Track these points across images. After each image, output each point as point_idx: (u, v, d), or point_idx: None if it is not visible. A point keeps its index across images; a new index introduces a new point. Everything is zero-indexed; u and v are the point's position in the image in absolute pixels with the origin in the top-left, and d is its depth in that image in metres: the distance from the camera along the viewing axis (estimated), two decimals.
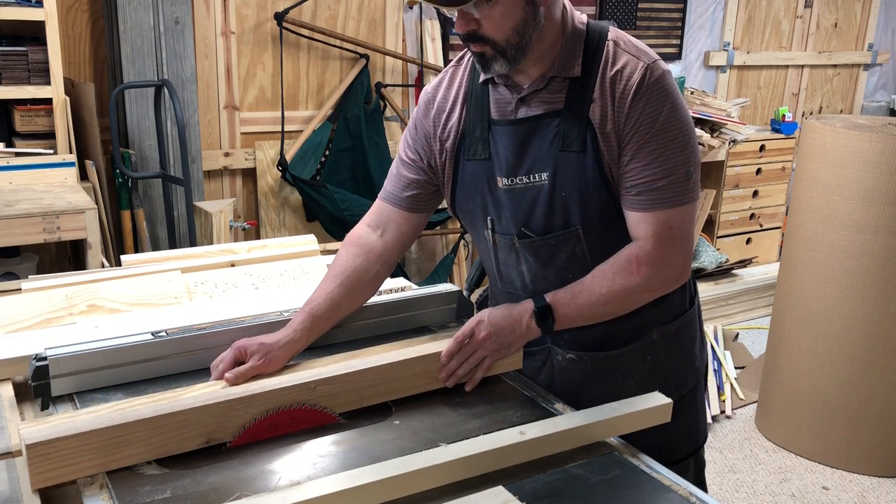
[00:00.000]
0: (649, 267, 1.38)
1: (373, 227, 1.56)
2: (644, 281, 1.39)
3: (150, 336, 1.39)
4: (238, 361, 1.33)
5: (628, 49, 1.39)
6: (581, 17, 1.44)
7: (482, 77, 1.46)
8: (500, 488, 1.11)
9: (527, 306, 1.42)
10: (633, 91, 1.35)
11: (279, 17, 3.65)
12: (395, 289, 1.74)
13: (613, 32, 1.41)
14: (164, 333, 1.40)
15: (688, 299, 1.60)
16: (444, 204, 4.57)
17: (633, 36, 1.45)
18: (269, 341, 1.36)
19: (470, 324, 1.42)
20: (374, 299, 1.57)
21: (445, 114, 1.52)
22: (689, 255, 1.43)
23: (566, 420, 1.27)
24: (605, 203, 1.40)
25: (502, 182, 1.45)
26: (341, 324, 1.51)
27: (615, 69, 1.37)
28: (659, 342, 1.53)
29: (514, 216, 1.46)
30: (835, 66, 5.69)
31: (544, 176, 1.41)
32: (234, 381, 1.29)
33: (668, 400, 1.32)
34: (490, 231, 1.50)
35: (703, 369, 1.65)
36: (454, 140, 1.50)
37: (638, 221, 1.39)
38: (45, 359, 1.29)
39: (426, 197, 1.55)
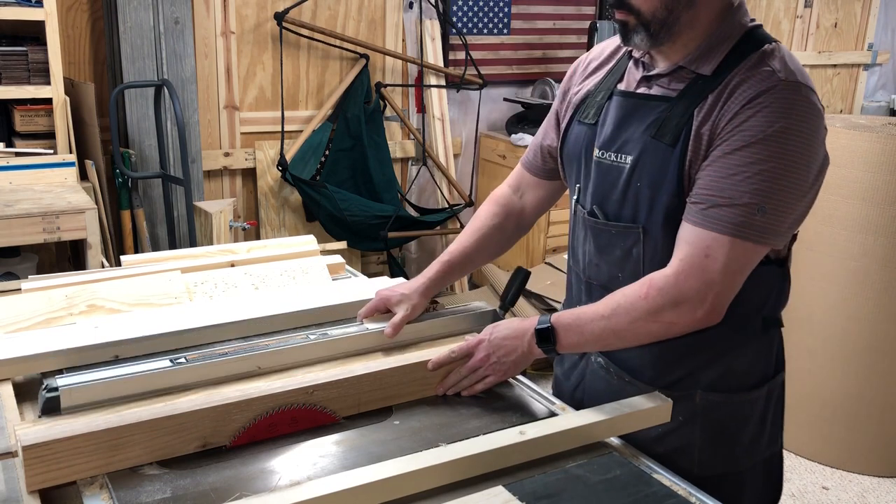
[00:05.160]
0: (660, 293, 1.23)
1: (513, 188, 1.64)
2: (650, 308, 1.24)
3: (168, 363, 1.34)
4: (381, 311, 1.53)
5: (774, 63, 1.23)
6: (748, 19, 1.30)
7: (627, 49, 1.40)
8: (500, 488, 1.11)
9: (530, 323, 1.34)
10: (750, 97, 1.21)
11: (279, 17, 3.66)
12: (428, 307, 1.64)
13: (775, 47, 1.27)
14: (183, 360, 1.35)
15: (757, 377, 1.41)
16: (444, 204, 4.53)
17: None
18: (408, 291, 1.52)
19: (470, 343, 1.39)
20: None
21: (588, 74, 1.48)
22: (719, 295, 1.22)
23: (566, 420, 1.26)
24: (675, 210, 1.27)
25: (597, 153, 1.38)
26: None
27: (748, 74, 1.23)
28: (700, 408, 1.36)
29: (594, 191, 1.38)
30: (835, 66, 5.69)
31: (628, 159, 1.32)
32: (393, 333, 1.47)
33: (669, 400, 1.31)
34: (575, 200, 1.45)
35: (748, 464, 1.42)
36: (580, 99, 1.46)
37: (681, 235, 1.25)
38: (56, 389, 1.24)
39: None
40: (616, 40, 1.46)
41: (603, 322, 1.29)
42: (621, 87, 1.40)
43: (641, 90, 1.36)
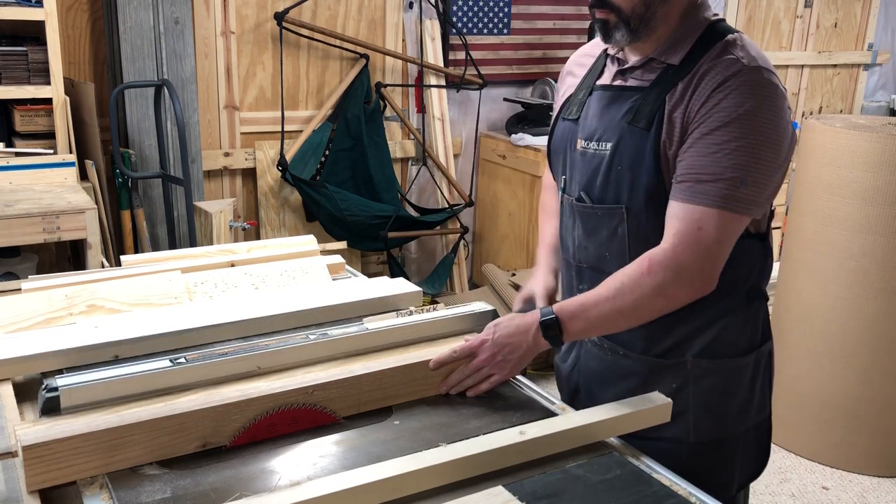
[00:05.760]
0: (661, 267, 1.31)
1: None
2: (655, 283, 1.31)
3: (168, 363, 1.33)
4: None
5: (736, 50, 1.34)
6: (712, 15, 1.42)
7: (605, 48, 1.50)
8: (500, 488, 1.11)
9: (533, 318, 1.38)
10: (718, 82, 1.31)
11: (279, 17, 3.66)
12: (427, 307, 1.64)
13: (737, 37, 1.37)
14: (183, 360, 1.35)
15: (745, 345, 1.47)
16: (444, 204, 4.53)
17: None
18: (541, 291, 1.58)
19: (473, 343, 1.40)
20: (403, 320, 1.54)
21: (571, 76, 1.59)
22: (714, 265, 1.32)
23: (566, 420, 1.26)
24: (655, 189, 1.36)
25: (580, 144, 1.47)
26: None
27: (714, 62, 1.33)
28: (692, 375, 1.44)
29: (580, 179, 1.47)
30: (835, 66, 5.69)
31: (608, 146, 1.41)
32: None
33: (668, 400, 1.31)
34: (562, 191, 1.54)
35: (739, 430, 1.49)
36: (562, 102, 1.56)
37: (671, 213, 1.33)
38: (56, 389, 1.24)
39: None
40: (594, 44, 1.57)
41: (608, 304, 1.34)
42: (599, 82, 1.50)
43: (617, 83, 1.46)
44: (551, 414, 1.35)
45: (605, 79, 1.49)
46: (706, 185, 1.29)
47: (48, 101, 2.99)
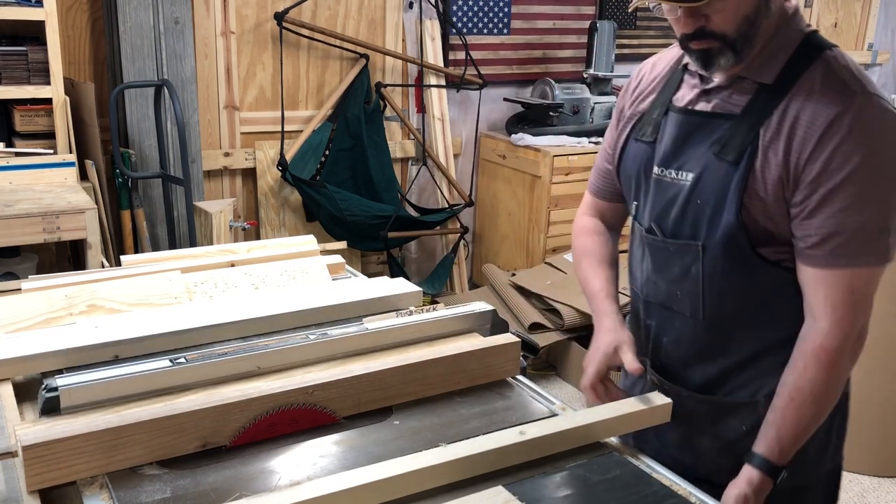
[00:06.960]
0: (839, 352, 1.24)
1: (595, 216, 1.60)
2: (843, 367, 1.26)
3: (168, 363, 1.33)
4: (606, 371, 1.40)
5: (840, 72, 1.21)
6: (804, 25, 1.28)
7: (684, 61, 1.36)
8: (500, 488, 1.11)
9: (748, 475, 1.27)
10: (827, 124, 1.18)
11: (279, 17, 3.66)
12: (427, 307, 1.62)
13: (835, 52, 1.24)
14: (183, 360, 1.34)
15: None
16: (444, 204, 4.51)
17: (635, 35, 1.40)
18: (612, 335, 1.40)
19: None
20: (403, 320, 1.52)
21: (645, 93, 1.44)
22: (868, 317, 1.27)
23: (566, 420, 1.26)
24: (735, 231, 1.25)
25: (656, 170, 1.36)
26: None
27: (816, 91, 1.20)
28: (764, 417, 1.31)
29: (652, 208, 1.37)
30: None
31: (690, 176, 1.30)
32: (640, 370, 1.35)
33: (668, 400, 1.31)
34: (633, 217, 1.45)
35: (814, 477, 1.38)
36: (635, 118, 1.44)
37: (814, 281, 1.23)
38: (56, 389, 1.24)
39: None
40: (668, 54, 1.45)
41: (812, 419, 1.27)
42: (677, 101, 1.37)
43: (701, 106, 1.33)
44: (551, 414, 1.35)
45: (685, 97, 1.35)
46: (848, 245, 1.20)
47: (48, 101, 2.99)
